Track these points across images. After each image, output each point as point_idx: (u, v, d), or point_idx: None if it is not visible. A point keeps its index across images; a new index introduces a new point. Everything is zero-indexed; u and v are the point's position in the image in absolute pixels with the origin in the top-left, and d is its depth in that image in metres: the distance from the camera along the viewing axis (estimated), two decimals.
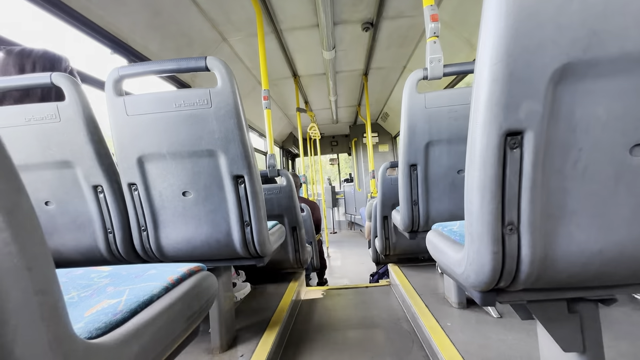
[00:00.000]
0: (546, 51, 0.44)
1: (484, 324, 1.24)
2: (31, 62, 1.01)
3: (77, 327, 0.39)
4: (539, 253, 0.51)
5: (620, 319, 1.17)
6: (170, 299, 0.49)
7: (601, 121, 0.46)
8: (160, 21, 2.14)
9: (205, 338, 1.31)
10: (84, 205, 1.05)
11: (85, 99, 0.94)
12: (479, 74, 0.48)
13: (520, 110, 0.46)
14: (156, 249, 1.08)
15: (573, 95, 0.46)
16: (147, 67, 0.97)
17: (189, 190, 1.01)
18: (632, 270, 0.52)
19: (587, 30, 0.43)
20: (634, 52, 0.43)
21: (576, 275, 0.54)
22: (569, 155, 0.48)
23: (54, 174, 1.01)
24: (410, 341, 1.34)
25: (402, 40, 3.15)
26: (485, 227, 0.52)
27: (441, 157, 1.28)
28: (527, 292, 0.61)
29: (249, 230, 1.04)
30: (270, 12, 2.50)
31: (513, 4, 0.43)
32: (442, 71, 1.18)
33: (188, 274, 0.59)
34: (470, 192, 0.54)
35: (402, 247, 2.12)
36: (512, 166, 0.49)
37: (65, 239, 1.09)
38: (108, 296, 0.51)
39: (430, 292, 1.60)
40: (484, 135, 0.49)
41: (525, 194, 0.50)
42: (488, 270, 0.54)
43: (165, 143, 0.97)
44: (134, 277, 0.58)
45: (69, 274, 0.66)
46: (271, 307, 1.57)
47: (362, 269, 4.16)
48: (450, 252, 0.69)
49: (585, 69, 0.45)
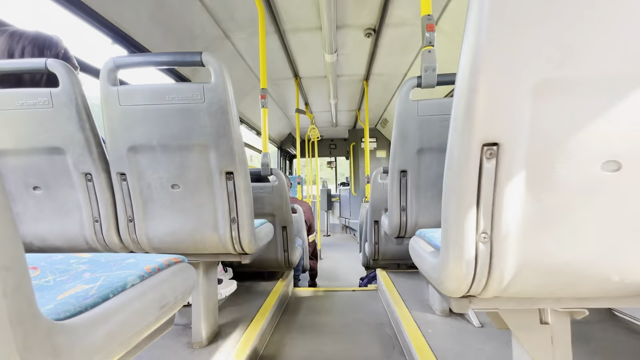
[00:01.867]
0: (523, 66, 0.45)
1: (465, 333, 1.25)
2: (20, 47, 1.01)
3: (46, 308, 0.39)
4: (511, 262, 0.53)
5: (598, 336, 1.19)
6: (144, 287, 0.50)
7: (574, 136, 0.48)
8: (163, 14, 2.15)
9: (187, 332, 1.31)
10: (72, 192, 1.05)
11: (79, 87, 0.94)
12: (459, 85, 0.49)
13: (496, 122, 0.48)
14: (142, 240, 1.08)
15: (548, 110, 0.47)
16: (142, 58, 0.97)
17: (177, 183, 1.02)
18: (600, 284, 0.53)
19: (564, 47, 0.44)
20: (607, 70, 0.45)
21: (546, 286, 0.55)
22: (542, 168, 0.49)
23: (43, 160, 1.02)
24: (392, 346, 1.34)
25: (404, 48, 3.18)
26: (460, 234, 0.53)
27: (431, 165, 1.29)
28: (500, 301, 0.62)
29: (236, 227, 1.05)
30: (274, 12, 2.52)
31: (493, 18, 0.44)
32: (435, 80, 1.19)
33: (166, 264, 0.60)
34: (447, 200, 0.55)
35: (391, 253, 2.13)
36: (487, 176, 0.50)
37: (51, 225, 1.09)
38: (83, 282, 0.52)
39: (415, 299, 1.61)
40: (462, 144, 0.50)
41: (500, 203, 0.51)
42: (460, 276, 0.55)
43: (156, 135, 0.97)
44: (111, 264, 0.59)
45: (49, 258, 0.66)
46: (256, 305, 1.57)
47: (353, 273, 4.16)
48: (429, 257, 0.70)
49: (560, 85, 0.46)
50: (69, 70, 0.92)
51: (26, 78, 1.02)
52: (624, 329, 1.24)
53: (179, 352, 1.17)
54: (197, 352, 1.16)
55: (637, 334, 1.20)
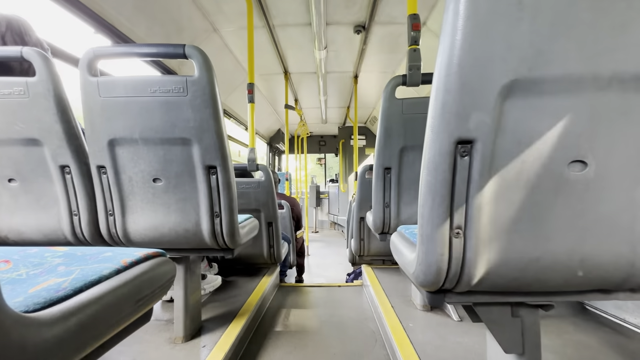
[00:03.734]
0: (495, 67, 0.47)
1: (444, 327, 1.28)
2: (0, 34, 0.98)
3: (15, 301, 0.39)
4: (482, 257, 0.54)
5: (569, 329, 1.24)
6: (119, 280, 0.49)
7: (543, 136, 0.50)
8: (149, 5, 2.10)
9: (169, 327, 1.31)
10: (49, 185, 1.03)
11: (56, 77, 0.92)
12: (435, 84, 0.51)
13: (470, 120, 0.49)
14: (122, 235, 1.06)
15: (519, 110, 0.49)
16: (124, 49, 0.95)
17: (159, 177, 1.01)
18: (565, 279, 0.56)
19: (534, 49, 0.46)
20: (575, 73, 0.47)
21: (516, 280, 0.57)
22: (513, 166, 0.51)
23: (19, 151, 0.99)
24: (374, 340, 1.37)
25: (393, 46, 3.20)
26: (434, 229, 0.55)
27: (414, 162, 1.31)
28: (473, 295, 0.64)
29: (219, 222, 1.04)
30: (263, 5, 2.50)
31: (467, 19, 0.45)
32: (420, 79, 1.21)
33: (144, 258, 0.59)
34: (422, 196, 0.56)
35: (376, 249, 2.16)
36: (461, 173, 0.52)
37: (27, 218, 1.06)
38: (57, 275, 0.51)
39: (398, 294, 1.64)
40: (437, 141, 0.52)
41: (472, 200, 0.53)
42: (434, 270, 0.56)
43: (137, 128, 0.96)
44: (87, 258, 0.58)
45: (23, 251, 0.64)
46: (240, 301, 1.57)
47: (340, 269, 4.20)
48: (407, 252, 0.72)
49: (530, 86, 0.48)
50: (45, 59, 0.90)
51: (14, 66, 0.99)
52: (594, 322, 1.30)
53: (160, 347, 1.16)
54: (178, 347, 1.15)
55: (605, 326, 1.26)
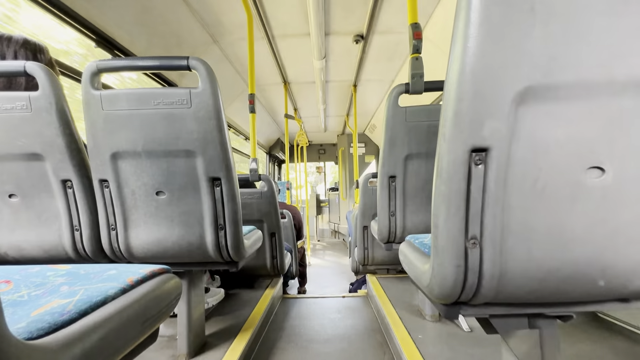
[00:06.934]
0: (508, 74, 0.46)
1: (454, 338, 1.25)
2: (12, 51, 0.97)
3: (18, 326, 0.37)
4: (500, 268, 0.53)
5: (582, 338, 1.21)
6: (125, 300, 0.47)
7: (559, 143, 0.48)
8: (149, 18, 2.12)
9: (172, 344, 1.27)
10: (51, 200, 1.01)
11: (59, 91, 0.91)
12: (447, 91, 0.50)
13: (484, 128, 0.48)
14: (125, 249, 1.04)
15: (534, 117, 0.48)
16: (127, 62, 0.95)
17: (163, 190, 0.99)
18: (586, 288, 0.54)
19: (548, 55, 0.45)
20: (589, 78, 0.46)
21: (534, 292, 0.55)
22: (529, 174, 0.50)
23: (20, 166, 0.97)
24: (382, 353, 1.33)
25: (392, 54, 3.22)
26: (450, 240, 0.53)
27: (420, 170, 1.30)
28: (490, 307, 0.62)
29: (223, 234, 1.02)
30: (262, 17, 2.52)
31: (480, 26, 0.44)
32: (423, 87, 1.21)
33: (150, 275, 0.58)
34: (436, 206, 0.55)
35: (381, 258, 2.13)
36: (476, 182, 0.50)
37: (28, 234, 1.03)
38: (60, 296, 0.49)
39: (405, 304, 1.61)
40: (451, 150, 0.51)
41: (488, 209, 0.51)
42: (450, 283, 0.55)
43: (141, 141, 0.95)
44: (91, 276, 0.56)
45: (24, 271, 0.62)
46: (244, 314, 1.54)
47: (343, 278, 4.14)
48: (419, 263, 0.70)
49: (545, 93, 0.47)
50: (48, 74, 0.89)
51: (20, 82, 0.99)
52: (607, 331, 1.27)
53: None
54: None
55: (619, 334, 1.23)
